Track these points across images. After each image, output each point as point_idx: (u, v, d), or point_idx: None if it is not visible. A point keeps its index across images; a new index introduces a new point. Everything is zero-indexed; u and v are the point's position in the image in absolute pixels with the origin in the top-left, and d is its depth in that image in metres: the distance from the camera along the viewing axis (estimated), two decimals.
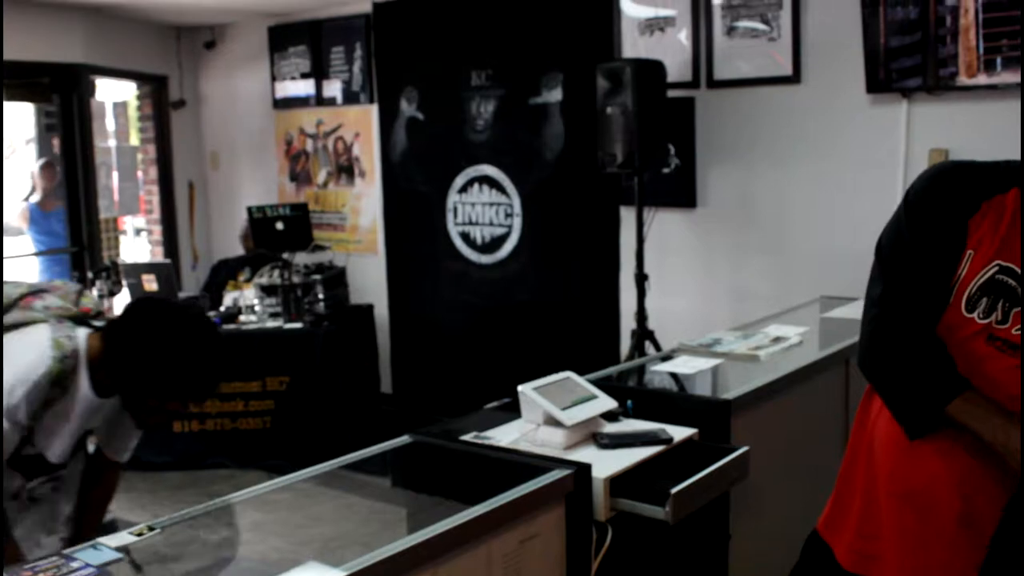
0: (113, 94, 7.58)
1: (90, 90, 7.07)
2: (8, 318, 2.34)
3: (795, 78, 5.07)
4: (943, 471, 1.86)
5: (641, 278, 5.14)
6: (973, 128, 4.66)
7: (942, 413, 1.82)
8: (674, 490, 2.22)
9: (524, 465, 2.29)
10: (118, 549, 1.89)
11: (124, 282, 6.22)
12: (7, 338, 2.28)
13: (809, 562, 2.14)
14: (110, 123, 7.39)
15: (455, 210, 6.29)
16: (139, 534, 1.96)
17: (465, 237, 6.27)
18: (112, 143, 7.39)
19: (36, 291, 2.44)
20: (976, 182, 1.82)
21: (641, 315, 5.14)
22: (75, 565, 1.80)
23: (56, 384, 2.28)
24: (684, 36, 5.36)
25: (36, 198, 7.72)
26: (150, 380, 2.31)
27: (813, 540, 2.13)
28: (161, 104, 7.64)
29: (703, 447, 2.56)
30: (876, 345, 1.93)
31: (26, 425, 2.27)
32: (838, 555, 2.05)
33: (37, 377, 2.24)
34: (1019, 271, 1.76)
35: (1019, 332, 1.76)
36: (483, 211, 6.16)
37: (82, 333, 2.37)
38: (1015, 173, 1.83)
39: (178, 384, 2.34)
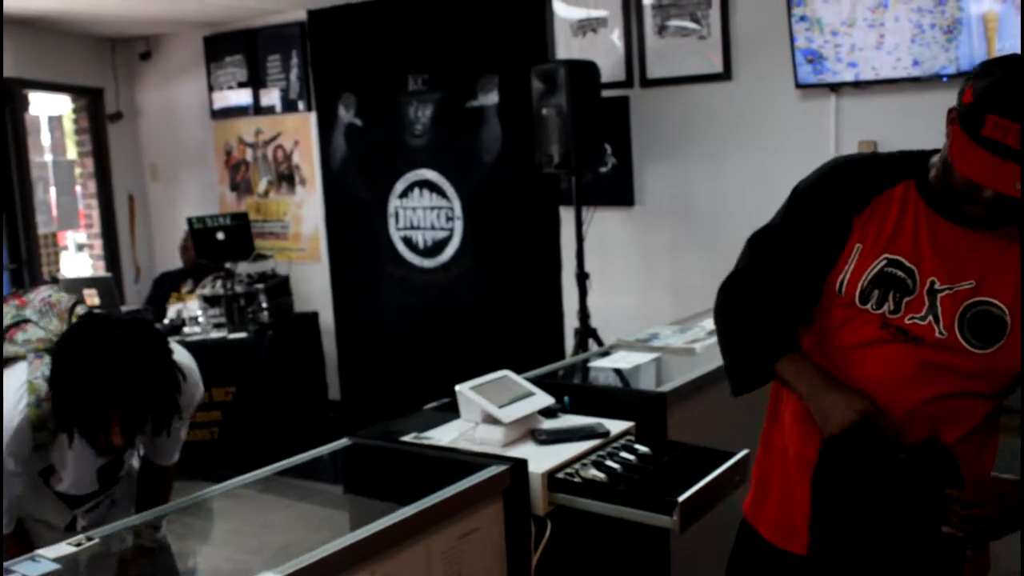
0: (48, 108, 7.49)
1: (24, 104, 6.99)
2: None
3: (726, 75, 5.16)
4: None
5: (582, 277, 5.20)
6: (900, 120, 4.76)
7: (768, 370, 1.86)
8: (681, 498, 2.17)
9: (462, 463, 2.32)
10: (56, 560, 1.90)
11: None
12: None
13: (741, 547, 2.18)
14: (46, 137, 7.30)
15: (396, 215, 6.30)
16: (77, 544, 1.97)
17: (407, 242, 6.29)
18: (48, 157, 7.31)
19: (19, 322, 2.40)
20: (866, 178, 1.86)
21: (583, 313, 5.19)
22: None
23: (40, 428, 2.26)
24: (616, 36, 5.43)
25: None
26: (75, 407, 2.15)
27: (742, 526, 2.18)
28: (98, 117, 7.57)
29: (701, 452, 2.53)
30: (723, 301, 2.00)
31: (22, 472, 2.27)
32: (763, 532, 2.08)
33: (16, 427, 2.23)
34: (907, 263, 1.80)
35: (912, 321, 1.79)
36: (424, 215, 6.18)
37: None
38: (906, 165, 1.87)
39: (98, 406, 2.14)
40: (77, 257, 9.51)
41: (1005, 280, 1.77)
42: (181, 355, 2.38)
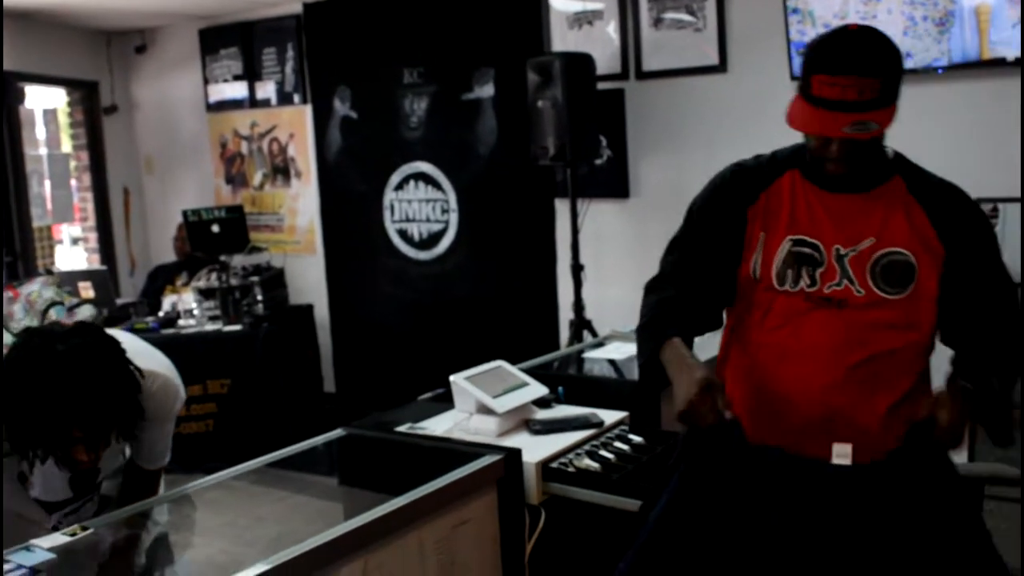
0: (43, 101, 7.48)
1: (18, 98, 6.98)
2: None
3: (721, 67, 5.15)
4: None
5: (577, 269, 5.20)
6: (903, 111, 4.76)
7: (656, 363, 1.97)
8: None
9: (456, 452, 2.33)
10: (51, 550, 1.90)
11: None
12: None
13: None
14: (40, 131, 7.29)
15: (392, 208, 6.30)
16: (72, 534, 1.97)
17: (403, 234, 6.30)
18: (43, 151, 7.30)
19: None
20: (753, 176, 2.06)
21: (578, 305, 5.20)
22: (8, 567, 1.81)
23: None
24: (612, 29, 5.42)
25: None
26: (30, 432, 2.07)
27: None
28: (93, 110, 7.56)
29: None
30: (649, 282, 2.16)
31: None
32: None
33: None
34: (810, 239, 1.95)
35: (831, 289, 1.92)
36: (419, 208, 6.18)
37: None
38: (789, 158, 2.06)
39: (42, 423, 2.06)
40: (72, 251, 9.50)
41: (900, 229, 1.92)
42: (158, 362, 2.33)
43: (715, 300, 2.08)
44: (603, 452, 2.41)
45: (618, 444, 2.47)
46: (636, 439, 2.50)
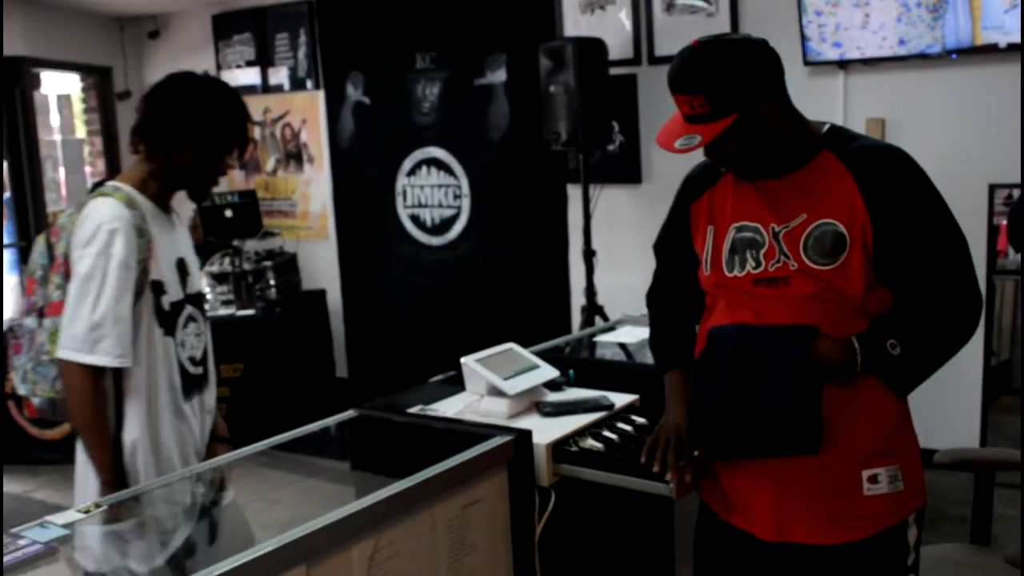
0: (57, 87, 7.51)
1: (33, 83, 7.00)
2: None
3: None
4: None
5: (589, 254, 5.21)
6: (908, 97, 4.76)
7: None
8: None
9: (467, 434, 2.34)
10: (65, 526, 1.92)
11: None
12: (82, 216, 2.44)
13: (700, 520, 2.26)
14: (55, 117, 7.32)
15: (404, 193, 6.32)
16: (86, 511, 1.99)
17: (415, 220, 6.31)
18: (57, 136, 7.33)
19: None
20: (699, 180, 2.19)
21: (590, 291, 5.20)
22: (22, 542, 1.83)
23: (141, 235, 2.43)
24: (624, 14, 5.41)
25: None
26: (198, 137, 2.50)
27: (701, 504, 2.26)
28: (106, 96, 7.58)
29: None
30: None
31: (138, 263, 2.42)
32: (711, 505, 2.19)
33: (124, 230, 2.39)
34: (751, 223, 2.04)
35: (774, 267, 2.00)
36: (432, 193, 6.19)
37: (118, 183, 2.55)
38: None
39: (220, 134, 2.54)
40: None
41: (831, 201, 1.97)
42: None
43: (696, 301, 2.21)
44: (607, 433, 2.42)
45: (622, 425, 2.48)
46: (640, 420, 2.51)
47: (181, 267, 2.61)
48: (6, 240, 7.19)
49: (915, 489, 2.04)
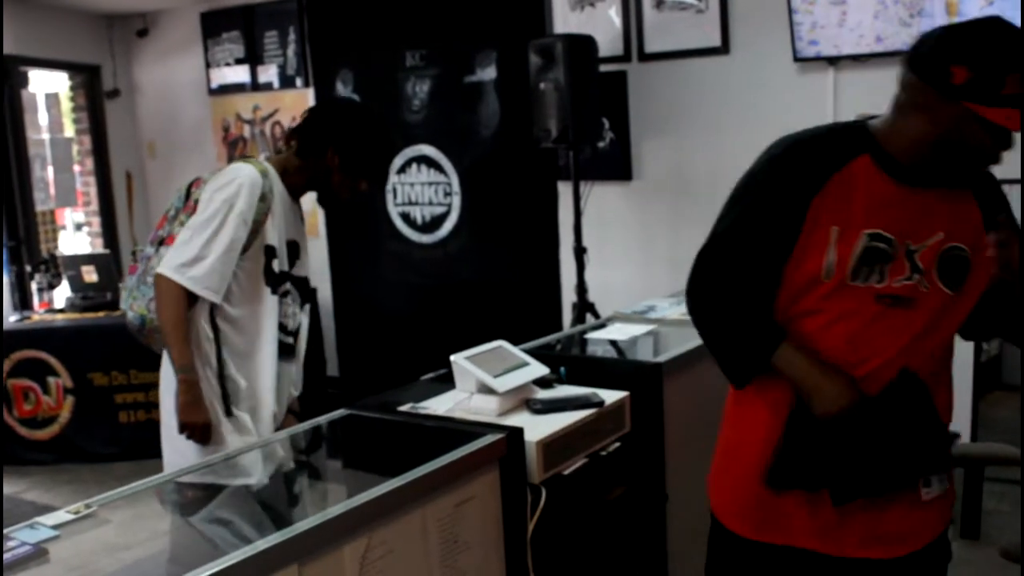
0: (45, 85, 7.49)
1: (22, 81, 6.98)
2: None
3: (724, 49, 5.15)
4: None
5: (580, 251, 5.20)
6: None
7: (765, 364, 1.96)
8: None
9: (458, 432, 2.33)
10: (55, 527, 1.91)
11: (64, 274, 6.18)
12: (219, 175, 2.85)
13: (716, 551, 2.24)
14: (43, 115, 7.30)
15: (395, 191, 6.30)
16: (76, 512, 1.98)
17: (405, 217, 6.30)
18: (46, 135, 7.31)
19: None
20: (819, 157, 1.92)
21: (581, 288, 5.20)
22: (12, 544, 1.82)
23: (262, 199, 2.78)
24: (614, 11, 5.41)
25: None
26: (344, 151, 2.85)
27: (713, 527, 2.23)
28: (95, 94, 7.56)
29: None
30: (701, 305, 2.07)
31: (252, 222, 2.77)
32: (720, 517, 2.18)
33: (249, 187, 2.76)
34: (885, 234, 1.87)
35: (900, 284, 1.88)
36: (422, 191, 6.18)
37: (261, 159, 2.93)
38: (853, 139, 1.94)
39: (364, 159, 2.90)
40: (76, 237, 9.51)
41: (965, 227, 1.90)
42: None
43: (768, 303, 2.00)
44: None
45: None
46: None
47: (292, 248, 3.01)
48: None
49: (951, 488, 2.04)
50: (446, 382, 2.72)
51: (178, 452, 2.82)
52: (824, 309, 1.93)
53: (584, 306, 5.18)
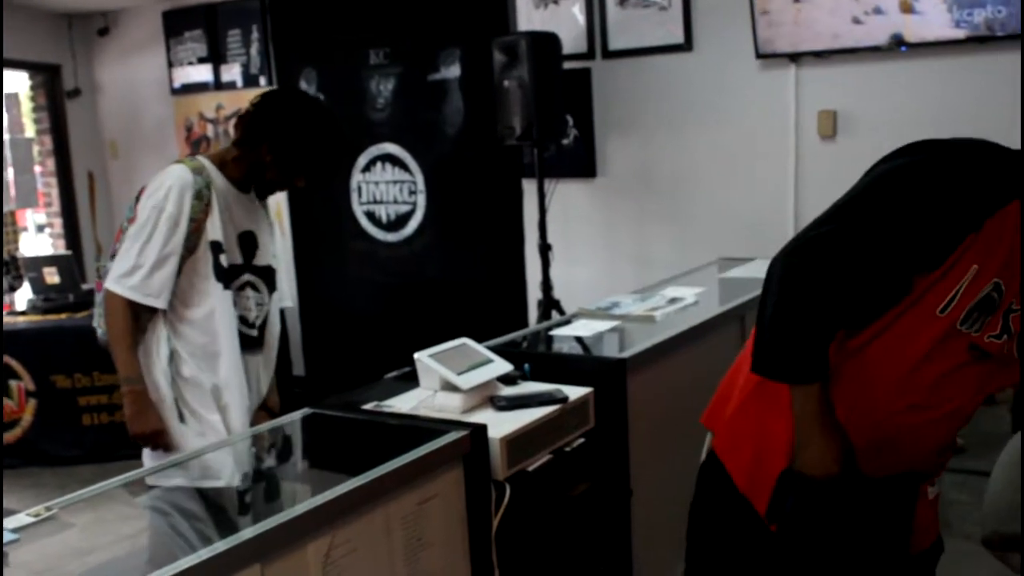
0: (4, 85, 7.40)
1: None
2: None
3: (687, 46, 5.18)
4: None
5: (545, 248, 5.22)
6: (858, 89, 4.81)
7: (793, 379, 1.79)
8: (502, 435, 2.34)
9: (422, 429, 2.33)
10: (15, 531, 1.89)
11: (25, 276, 6.12)
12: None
13: (708, 477, 2.15)
14: (3, 115, 7.22)
15: (359, 189, 6.29)
16: (36, 515, 1.96)
17: (370, 216, 6.28)
18: (6, 136, 7.22)
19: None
20: (984, 194, 1.72)
21: (546, 285, 5.21)
22: None
23: (198, 197, 2.75)
24: (578, 8, 5.43)
25: None
26: (278, 147, 2.77)
27: (709, 457, 2.14)
28: (55, 94, 7.49)
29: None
30: (824, 265, 1.75)
31: (190, 221, 2.75)
32: (732, 474, 2.05)
33: (180, 187, 2.73)
34: (1003, 285, 1.75)
35: (990, 340, 1.78)
36: (387, 189, 6.17)
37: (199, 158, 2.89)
38: (1008, 182, 1.74)
39: (299, 156, 2.80)
40: (38, 238, 9.42)
41: None
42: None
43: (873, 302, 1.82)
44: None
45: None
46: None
47: (248, 239, 2.95)
48: None
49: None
50: (410, 380, 2.72)
51: (152, 457, 2.85)
52: (917, 343, 1.79)
53: (549, 303, 5.19)
